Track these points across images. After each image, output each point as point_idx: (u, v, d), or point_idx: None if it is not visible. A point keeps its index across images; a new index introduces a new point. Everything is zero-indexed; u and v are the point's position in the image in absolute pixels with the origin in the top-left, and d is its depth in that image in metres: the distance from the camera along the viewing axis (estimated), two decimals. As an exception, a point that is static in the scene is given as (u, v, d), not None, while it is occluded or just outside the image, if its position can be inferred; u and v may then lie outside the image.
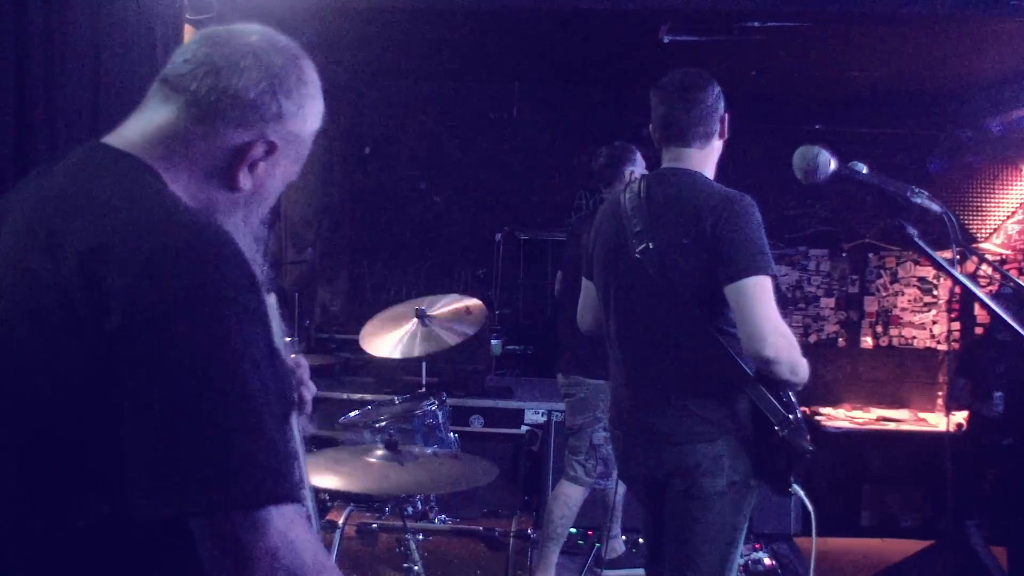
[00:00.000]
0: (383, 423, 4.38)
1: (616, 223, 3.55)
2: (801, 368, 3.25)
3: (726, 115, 3.56)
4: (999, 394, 6.45)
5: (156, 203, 1.61)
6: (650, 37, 6.92)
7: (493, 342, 6.82)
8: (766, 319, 3.13)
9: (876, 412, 8.21)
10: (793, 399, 3.30)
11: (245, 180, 1.78)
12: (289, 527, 1.51)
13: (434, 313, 5.04)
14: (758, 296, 3.15)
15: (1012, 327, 2.12)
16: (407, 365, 6.39)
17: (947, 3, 6.12)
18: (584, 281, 3.88)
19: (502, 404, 6.22)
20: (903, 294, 8.55)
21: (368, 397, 6.05)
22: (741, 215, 3.23)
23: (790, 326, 8.50)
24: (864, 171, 3.92)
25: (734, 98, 8.20)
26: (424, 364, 5.11)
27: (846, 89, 8.22)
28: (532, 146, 8.82)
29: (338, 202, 8.76)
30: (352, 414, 4.52)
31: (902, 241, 2.15)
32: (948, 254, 7.57)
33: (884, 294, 8.69)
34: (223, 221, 1.75)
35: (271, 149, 1.79)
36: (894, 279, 8.63)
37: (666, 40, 6.98)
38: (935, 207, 2.30)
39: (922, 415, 8.14)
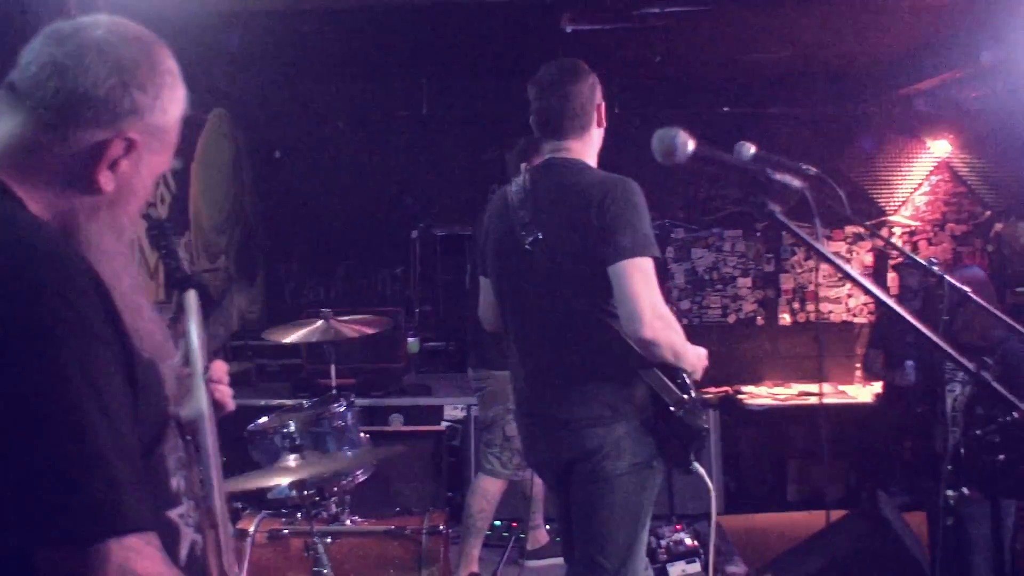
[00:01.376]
0: (292, 428, 4.33)
1: (504, 217, 3.57)
2: (684, 351, 3.29)
3: (603, 103, 3.59)
4: (910, 363, 6.54)
5: None
6: (553, 27, 6.92)
7: (410, 340, 6.79)
8: (644, 300, 3.17)
9: (797, 387, 8.30)
10: (688, 380, 3.33)
11: (107, 181, 1.69)
12: (130, 559, 1.46)
13: (339, 320, 5.02)
14: (637, 277, 3.19)
15: (883, 301, 2.14)
16: (321, 369, 6.35)
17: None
18: (481, 279, 3.88)
19: (421, 401, 6.21)
20: (818, 270, 8.65)
21: (286, 403, 5.99)
22: (623, 198, 3.27)
23: (707, 307, 8.63)
24: (749, 152, 3.97)
25: (641, 85, 8.41)
26: (334, 367, 5.06)
27: (752, 71, 8.29)
28: (444, 142, 8.79)
29: (250, 209, 8.67)
30: (261, 420, 4.46)
31: (764, 217, 2.16)
32: (857, 229, 7.64)
33: (799, 271, 8.79)
34: (87, 227, 1.68)
35: (131, 146, 1.70)
36: (808, 256, 8.73)
37: (569, 30, 7.00)
38: (795, 183, 2.31)
39: (842, 387, 8.25)
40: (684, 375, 3.33)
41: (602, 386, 3.36)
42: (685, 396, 3.25)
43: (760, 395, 8.08)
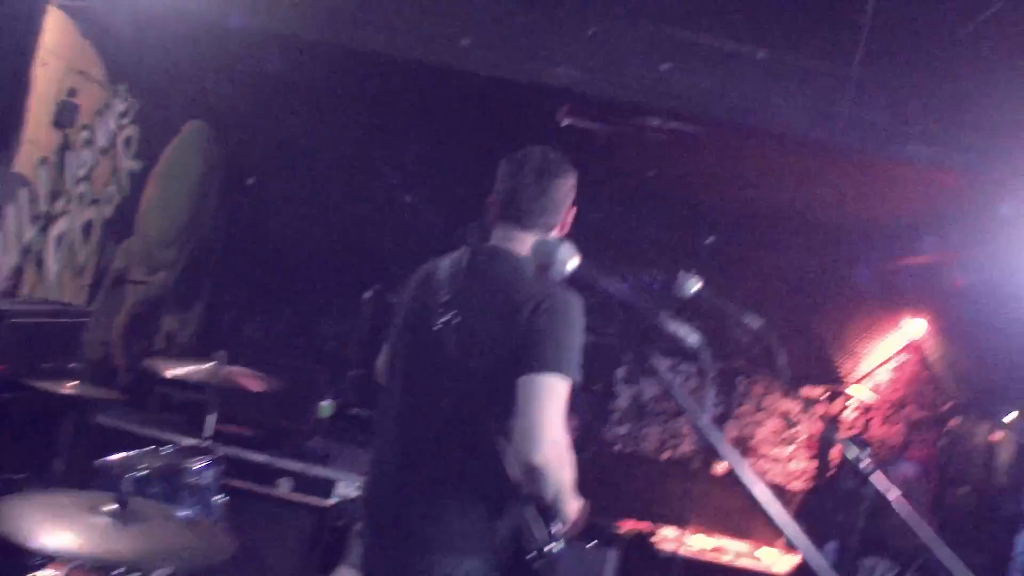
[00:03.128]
0: (144, 473, 3.98)
1: (425, 289, 3.24)
2: (568, 499, 2.95)
3: (573, 209, 3.30)
4: (833, 544, 6.20)
5: None
6: (548, 117, 6.71)
7: (323, 403, 6.42)
8: (546, 422, 2.81)
9: (718, 540, 7.94)
10: (558, 529, 2.97)
11: None
12: None
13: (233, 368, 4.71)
14: (546, 395, 2.84)
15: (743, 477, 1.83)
16: (225, 412, 5.99)
17: (846, 134, 6.01)
18: (384, 345, 3.52)
19: (314, 471, 5.78)
20: (764, 425, 8.34)
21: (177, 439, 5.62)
22: (560, 310, 2.95)
23: (644, 436, 8.30)
24: (691, 287, 3.69)
25: (629, 194, 8.19)
26: (214, 416, 4.72)
27: (745, 206, 8.06)
28: (420, 207, 8.51)
29: (209, 229, 8.35)
30: (114, 457, 4.09)
31: (649, 371, 1.87)
32: (818, 391, 7.35)
33: (746, 421, 8.47)
34: None
35: None
36: (758, 408, 8.42)
37: (564, 124, 6.78)
38: (691, 339, 2.01)
39: (758, 553, 7.89)
40: (558, 523, 2.97)
41: (467, 508, 3.00)
42: (550, 546, 2.90)
43: (674, 540, 7.71)
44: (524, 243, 3.15)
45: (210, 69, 7.03)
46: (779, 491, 8.39)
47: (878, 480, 3.10)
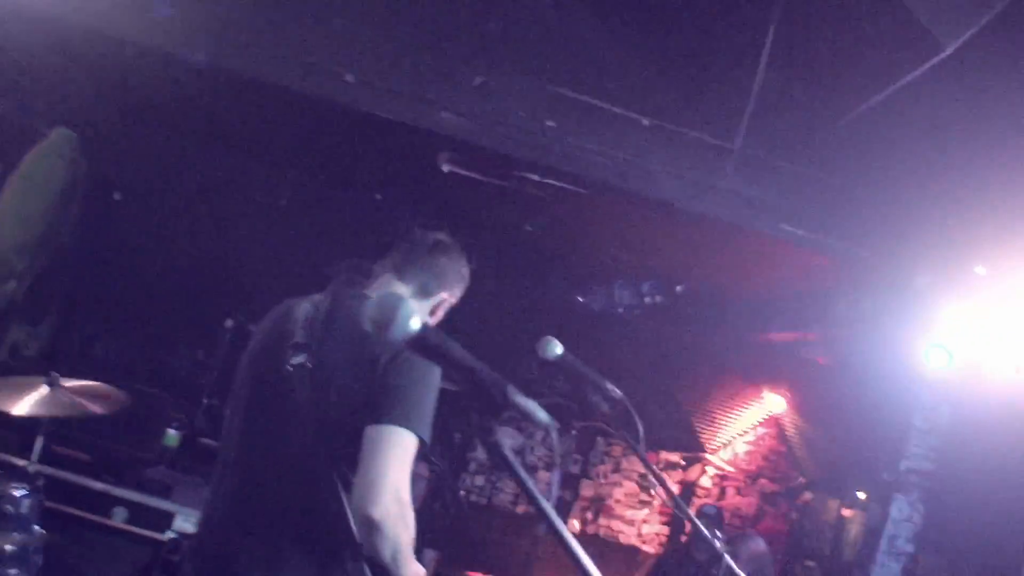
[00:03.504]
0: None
1: (278, 329, 3.09)
2: (407, 558, 2.77)
3: (449, 301, 3.28)
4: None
5: None
6: (431, 161, 6.63)
7: (170, 431, 6.17)
8: (390, 477, 2.69)
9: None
10: None
11: None
12: None
13: (68, 385, 4.47)
14: (392, 450, 2.73)
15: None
16: (66, 434, 5.72)
17: (725, 207, 6.07)
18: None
19: (152, 502, 5.52)
20: (621, 486, 8.33)
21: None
22: (417, 367, 2.83)
23: (500, 489, 8.22)
24: (554, 351, 3.64)
25: (503, 248, 8.14)
26: (40, 439, 4.47)
27: (617, 269, 8.08)
28: (293, 240, 8.32)
29: (68, 240, 8.00)
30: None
31: (492, 454, 1.80)
32: (675, 456, 7.33)
33: (603, 481, 8.45)
34: None
35: None
36: (616, 468, 8.42)
37: (446, 169, 6.71)
38: (540, 416, 1.91)
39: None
40: None
41: (299, 562, 2.84)
42: None
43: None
44: (399, 292, 3.10)
45: (77, 77, 6.78)
46: (631, 552, 8.39)
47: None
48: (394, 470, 2.71)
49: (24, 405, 4.34)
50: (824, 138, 5.96)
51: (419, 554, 6.91)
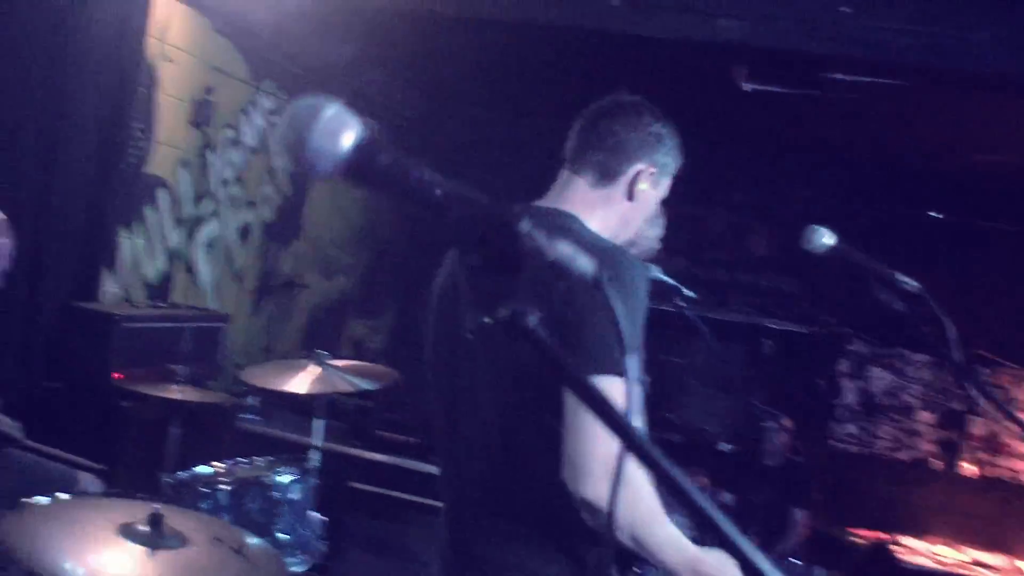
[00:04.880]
0: (228, 487, 3.60)
1: (453, 287, 2.45)
2: (659, 540, 2.13)
3: (648, 170, 2.43)
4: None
5: None
6: (727, 82, 6.02)
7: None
8: (591, 443, 2.06)
9: (970, 553, 6.93)
10: None
11: None
12: None
13: (335, 364, 4.31)
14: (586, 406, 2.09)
15: None
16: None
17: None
18: None
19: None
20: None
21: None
22: (576, 284, 2.13)
23: (877, 436, 7.39)
24: (824, 241, 2.94)
25: (830, 170, 7.32)
26: (323, 423, 4.31)
27: (969, 174, 7.03)
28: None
29: (389, 234, 8.03)
30: (199, 469, 3.71)
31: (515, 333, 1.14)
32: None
33: (994, 417, 7.40)
34: None
35: None
36: (1008, 400, 7.33)
37: (747, 88, 6.07)
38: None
39: (1021, 564, 6.83)
40: (649, 569, 2.24)
41: (533, 551, 2.28)
42: None
43: (920, 552, 6.78)
44: (576, 195, 2.40)
45: (370, 61, 6.74)
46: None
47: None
48: (600, 435, 2.03)
49: (302, 383, 4.21)
50: None
51: (785, 514, 6.26)
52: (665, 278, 4.74)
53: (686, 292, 4.77)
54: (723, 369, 7.78)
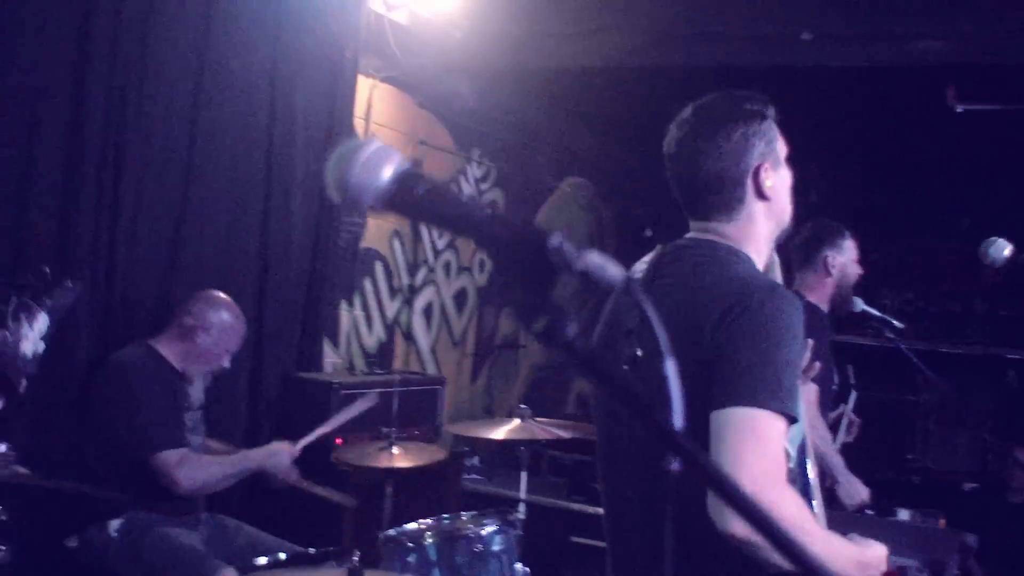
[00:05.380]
0: (429, 542, 3.69)
1: (615, 318, 2.34)
2: (835, 560, 2.04)
3: (764, 163, 2.26)
4: None
5: None
6: (940, 106, 5.83)
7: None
8: (741, 473, 1.96)
9: None
10: None
11: None
12: None
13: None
14: (740, 436, 2.00)
15: None
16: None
17: None
18: None
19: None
20: None
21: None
22: (758, 315, 2.07)
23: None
24: (1002, 252, 2.85)
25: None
26: (524, 475, 4.36)
27: None
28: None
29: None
30: (407, 526, 3.81)
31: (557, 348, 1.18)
32: None
33: None
34: None
35: None
36: None
37: (959, 109, 5.85)
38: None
39: None
40: None
41: None
42: None
43: None
44: (720, 233, 2.28)
45: (572, 120, 6.86)
46: None
47: None
48: (750, 465, 1.98)
49: (499, 432, 4.31)
50: None
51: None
52: (872, 311, 4.59)
53: (895, 324, 4.61)
54: (964, 405, 7.41)
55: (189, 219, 4.29)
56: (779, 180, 2.31)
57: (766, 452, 2.00)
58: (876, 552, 2.16)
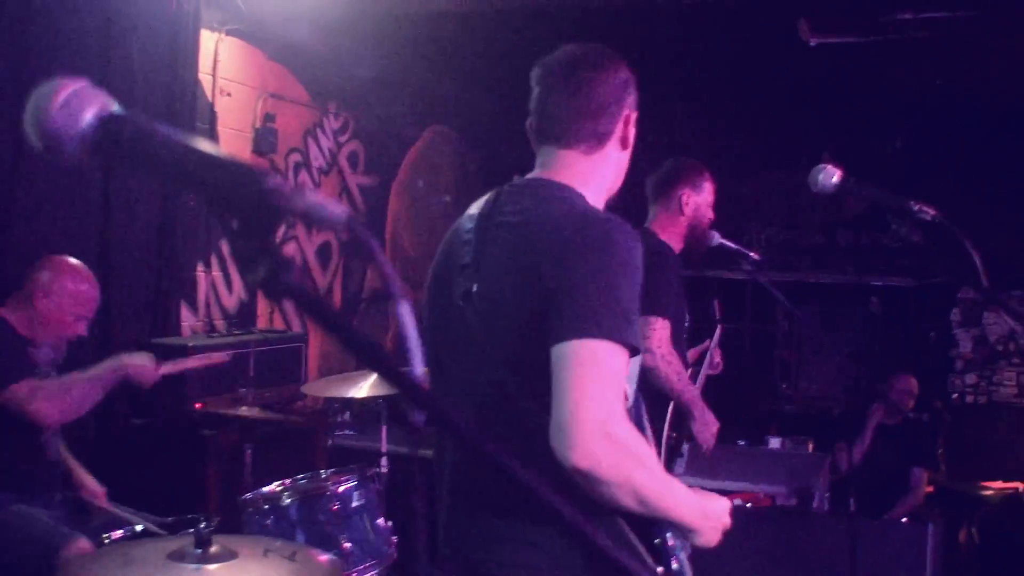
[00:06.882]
0: (287, 502, 3.62)
1: (449, 256, 2.36)
2: (664, 498, 2.04)
3: (633, 115, 2.37)
4: None
5: None
6: (792, 38, 5.86)
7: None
8: (585, 405, 1.95)
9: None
10: (672, 542, 2.14)
11: None
12: None
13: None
14: (584, 369, 1.98)
15: None
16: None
17: None
18: None
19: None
20: None
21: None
22: (597, 247, 2.08)
23: (999, 383, 7.10)
24: (831, 179, 2.83)
25: (919, 115, 7.04)
26: (383, 427, 4.30)
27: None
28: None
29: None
30: (265, 489, 3.74)
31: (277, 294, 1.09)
32: None
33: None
34: None
35: None
36: None
37: (813, 44, 5.90)
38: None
39: None
40: (666, 536, 2.19)
41: (537, 529, 2.15)
42: (658, 571, 2.10)
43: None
44: (568, 166, 2.30)
45: (431, 67, 6.75)
46: None
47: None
48: (592, 395, 1.96)
49: (360, 390, 4.23)
50: None
51: (907, 474, 6.03)
52: (729, 243, 4.60)
53: (752, 256, 4.62)
54: (832, 333, 7.56)
55: (21, 186, 4.11)
56: (630, 145, 2.37)
57: (611, 382, 1.98)
58: (719, 504, 2.18)
